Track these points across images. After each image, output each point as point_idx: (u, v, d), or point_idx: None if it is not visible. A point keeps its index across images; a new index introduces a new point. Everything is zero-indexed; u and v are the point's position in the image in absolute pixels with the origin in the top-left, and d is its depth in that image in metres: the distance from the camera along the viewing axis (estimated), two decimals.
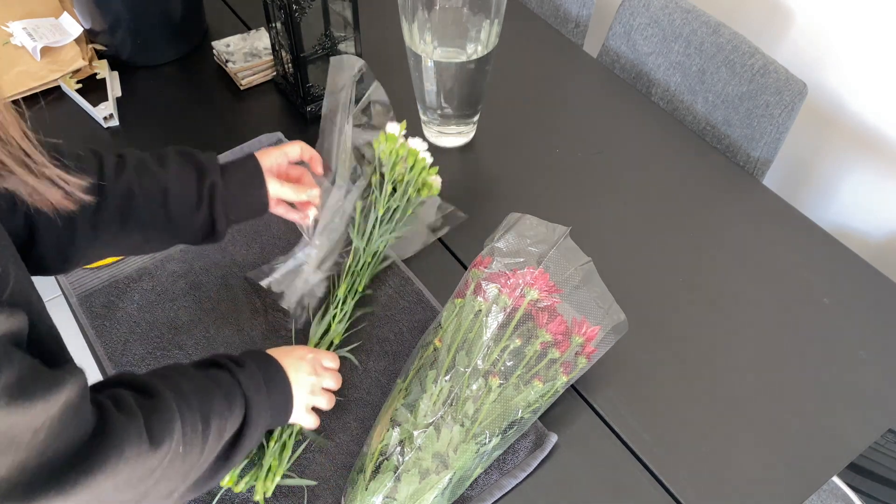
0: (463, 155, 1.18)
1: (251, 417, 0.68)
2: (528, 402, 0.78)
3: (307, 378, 0.77)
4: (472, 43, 1.03)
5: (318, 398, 0.79)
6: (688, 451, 0.85)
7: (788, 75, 1.17)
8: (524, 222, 0.87)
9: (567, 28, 1.54)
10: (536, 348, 0.79)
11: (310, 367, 0.78)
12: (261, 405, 0.70)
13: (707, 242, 1.07)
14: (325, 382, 0.80)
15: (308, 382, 0.77)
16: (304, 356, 0.78)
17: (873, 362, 0.94)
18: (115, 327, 0.93)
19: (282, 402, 0.74)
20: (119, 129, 1.19)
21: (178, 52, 1.31)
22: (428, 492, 0.74)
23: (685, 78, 1.31)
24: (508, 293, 0.80)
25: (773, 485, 0.83)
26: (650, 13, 1.34)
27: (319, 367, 0.80)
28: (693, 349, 0.94)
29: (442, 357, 0.80)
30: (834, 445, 0.86)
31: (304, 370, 0.77)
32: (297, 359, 0.77)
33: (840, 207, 1.51)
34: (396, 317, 0.95)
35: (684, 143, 1.21)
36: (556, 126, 1.23)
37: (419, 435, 0.76)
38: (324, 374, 0.80)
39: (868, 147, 1.41)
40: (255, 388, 0.70)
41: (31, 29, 1.24)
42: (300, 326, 0.92)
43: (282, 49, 1.19)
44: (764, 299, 1.00)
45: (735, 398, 0.90)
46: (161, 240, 0.80)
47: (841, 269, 1.04)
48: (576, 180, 1.15)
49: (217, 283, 0.98)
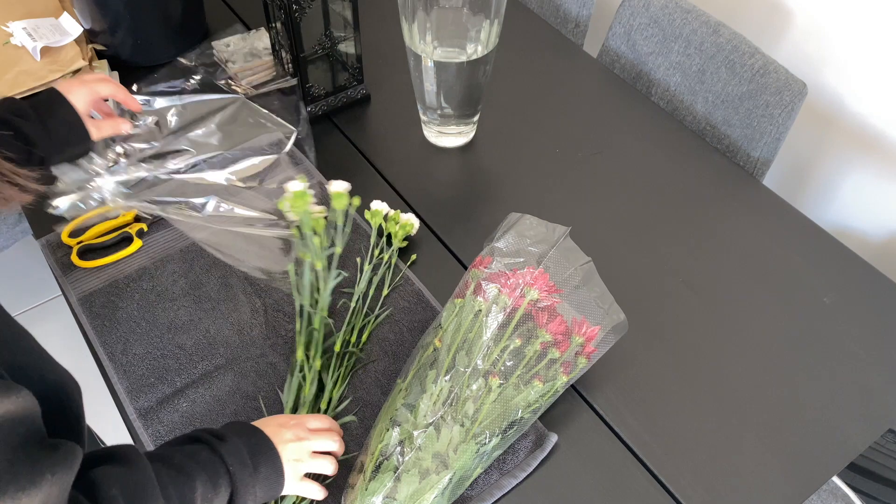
0: (463, 155, 1.18)
1: (239, 494, 0.66)
2: (528, 402, 0.78)
3: (291, 445, 0.72)
4: (472, 43, 1.03)
5: (312, 463, 0.74)
6: (688, 451, 0.85)
7: (788, 75, 1.17)
8: (524, 222, 0.87)
9: (567, 28, 1.54)
10: (536, 348, 0.79)
11: (292, 433, 0.73)
12: (247, 481, 0.67)
13: (707, 242, 1.07)
14: (316, 445, 0.74)
15: (292, 450, 0.72)
16: (285, 423, 0.74)
17: (873, 362, 0.94)
18: (115, 327, 0.93)
19: (271, 474, 0.70)
20: None
21: (178, 52, 1.31)
22: (428, 492, 0.74)
23: (685, 78, 1.31)
24: (508, 293, 0.80)
25: (773, 485, 0.83)
26: (650, 13, 1.34)
27: (303, 430, 0.74)
28: (693, 349, 0.94)
29: (442, 357, 0.80)
30: (834, 445, 0.86)
31: (286, 437, 0.72)
32: (277, 426, 0.73)
33: (840, 207, 1.51)
34: (396, 317, 0.95)
35: (684, 143, 1.21)
36: (556, 126, 1.23)
37: (419, 435, 0.76)
38: (311, 437, 0.74)
39: (868, 147, 1.41)
40: (241, 463, 0.66)
41: (31, 29, 1.24)
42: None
43: (282, 49, 1.19)
44: (764, 299, 1.00)
45: (735, 398, 0.90)
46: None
47: (841, 269, 1.04)
48: (576, 180, 1.15)
49: (217, 283, 0.98)
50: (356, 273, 0.99)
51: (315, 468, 0.74)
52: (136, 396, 0.86)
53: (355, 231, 1.04)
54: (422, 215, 1.08)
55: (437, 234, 1.06)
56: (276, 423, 0.74)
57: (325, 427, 0.77)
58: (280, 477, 0.70)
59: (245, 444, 0.68)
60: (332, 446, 0.76)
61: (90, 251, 1.00)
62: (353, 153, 1.17)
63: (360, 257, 1.01)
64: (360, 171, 1.15)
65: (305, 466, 0.73)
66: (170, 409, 0.86)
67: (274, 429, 0.72)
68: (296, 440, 0.73)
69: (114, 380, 0.88)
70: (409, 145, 1.19)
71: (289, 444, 0.72)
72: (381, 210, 1.02)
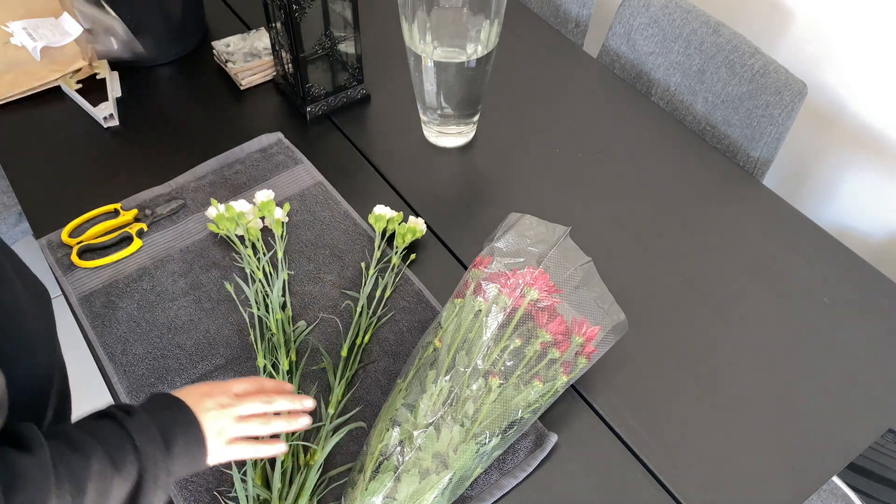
0: (463, 155, 1.18)
1: (148, 472, 0.62)
2: (528, 402, 0.78)
3: (213, 413, 0.69)
4: (472, 43, 1.03)
5: (239, 428, 0.71)
6: (688, 451, 0.85)
7: (788, 75, 1.17)
8: (524, 222, 0.87)
9: (567, 28, 1.54)
10: (536, 348, 0.79)
11: (213, 401, 0.70)
12: (157, 456, 0.63)
13: (707, 242, 1.07)
14: (241, 410, 0.71)
15: (214, 418, 0.69)
16: (208, 391, 0.71)
17: (873, 362, 0.94)
18: (115, 327, 0.93)
19: (191, 446, 0.67)
20: (119, 129, 1.19)
21: (178, 52, 1.31)
22: (428, 492, 0.74)
23: (685, 78, 1.31)
24: (508, 293, 0.80)
25: (773, 485, 0.83)
26: (650, 13, 1.34)
27: (227, 397, 0.72)
28: (693, 349, 0.94)
29: (442, 357, 0.80)
30: (834, 445, 0.86)
31: (207, 406, 0.69)
32: (199, 395, 0.70)
33: (840, 207, 1.51)
34: (396, 317, 0.95)
35: (684, 143, 1.21)
36: (556, 126, 1.23)
37: (419, 435, 0.76)
38: (236, 402, 0.72)
39: (868, 147, 1.41)
40: (149, 438, 0.63)
41: (31, 29, 1.24)
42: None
43: (282, 49, 1.19)
44: (764, 299, 1.00)
45: (735, 398, 0.90)
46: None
47: (841, 269, 1.04)
48: (576, 180, 1.15)
49: (217, 283, 0.98)
50: (359, 277, 0.99)
51: (243, 431, 0.71)
52: (136, 396, 0.86)
53: (356, 234, 1.04)
54: (422, 215, 1.08)
55: (437, 234, 1.06)
56: (199, 392, 0.71)
57: (252, 390, 0.74)
58: (202, 448, 0.68)
59: (158, 417, 0.65)
60: (258, 408, 0.73)
61: (90, 251, 1.00)
62: (352, 153, 1.17)
63: (365, 261, 1.01)
64: (360, 172, 1.15)
65: (232, 433, 0.70)
66: None
67: (195, 398, 0.70)
68: (218, 408, 0.70)
69: (114, 380, 0.88)
70: (409, 145, 1.19)
71: (210, 413, 0.69)
72: (385, 215, 1.02)
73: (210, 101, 1.25)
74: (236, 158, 1.14)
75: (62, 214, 1.04)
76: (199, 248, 1.02)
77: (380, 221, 1.02)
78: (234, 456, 0.71)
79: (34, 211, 1.06)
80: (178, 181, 1.10)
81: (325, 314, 0.95)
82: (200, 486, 0.80)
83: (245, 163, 1.13)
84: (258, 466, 0.80)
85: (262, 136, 1.16)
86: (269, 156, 1.14)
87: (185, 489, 0.80)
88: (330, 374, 0.88)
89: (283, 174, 1.11)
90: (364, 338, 0.92)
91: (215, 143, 1.16)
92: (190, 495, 0.79)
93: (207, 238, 1.03)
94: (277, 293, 0.94)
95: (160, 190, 1.08)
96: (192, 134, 1.19)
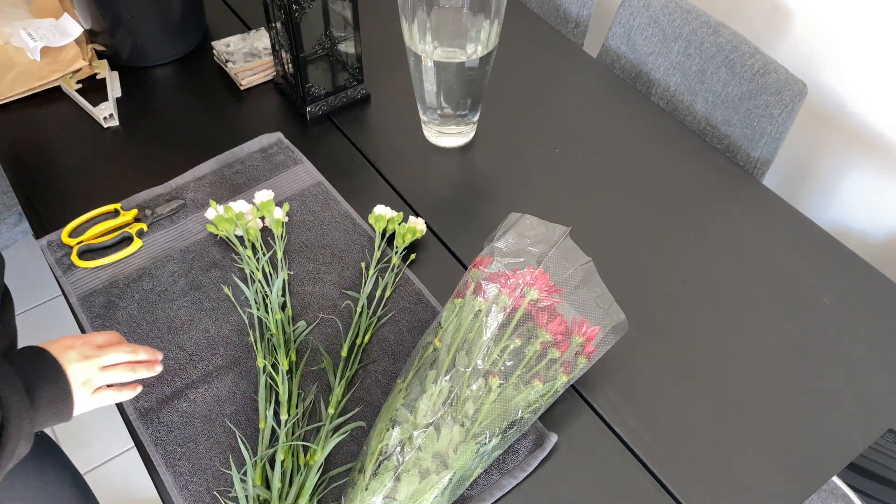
0: (463, 155, 1.18)
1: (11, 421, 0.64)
2: (528, 402, 0.78)
3: (77, 365, 0.71)
4: (472, 43, 1.03)
5: (104, 376, 0.74)
6: (688, 450, 0.85)
7: (788, 75, 1.17)
8: (524, 222, 0.87)
9: (567, 28, 1.54)
10: (536, 348, 0.79)
11: (77, 352, 0.72)
12: (20, 406, 0.65)
13: (707, 242, 1.07)
14: (105, 360, 0.74)
15: (79, 369, 0.72)
16: (71, 344, 0.73)
17: (873, 362, 0.94)
18: (115, 327, 0.93)
19: (57, 396, 0.69)
20: (119, 130, 1.19)
21: (178, 52, 1.32)
22: (428, 492, 0.74)
23: (685, 78, 1.31)
24: (508, 293, 0.80)
25: (773, 485, 0.83)
26: (650, 13, 1.34)
27: (90, 348, 0.74)
28: (693, 349, 0.94)
29: (442, 357, 0.80)
30: (834, 445, 0.86)
31: (71, 357, 0.72)
32: (63, 348, 0.72)
33: (840, 207, 1.51)
34: (396, 317, 0.95)
35: (684, 143, 1.21)
36: (556, 126, 1.23)
37: (419, 435, 0.76)
38: (100, 353, 0.74)
39: (868, 147, 1.41)
40: (11, 387, 0.65)
41: (31, 29, 1.24)
42: None
43: (282, 49, 1.19)
44: (764, 299, 1.00)
45: (735, 398, 0.90)
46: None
47: (841, 269, 1.04)
48: (576, 180, 1.15)
49: (217, 283, 0.98)
50: (359, 277, 0.99)
51: (110, 380, 0.74)
52: (136, 396, 0.86)
53: (356, 234, 1.04)
54: (422, 215, 1.08)
55: (438, 234, 1.06)
56: (63, 344, 0.73)
57: (113, 341, 0.77)
58: (67, 397, 0.70)
59: (22, 368, 0.67)
60: (121, 358, 0.76)
61: (90, 251, 1.00)
62: (352, 153, 1.18)
63: (366, 262, 1.01)
64: (360, 171, 1.15)
65: (99, 381, 0.73)
66: (170, 409, 0.86)
67: (60, 350, 0.72)
68: (83, 359, 0.72)
69: None
70: (409, 145, 1.19)
71: (74, 364, 0.71)
72: (385, 215, 1.02)
73: (210, 101, 1.25)
74: (236, 158, 1.14)
75: (62, 215, 1.04)
76: (199, 248, 1.02)
77: (380, 222, 1.02)
78: (98, 404, 0.74)
79: (34, 211, 1.06)
80: (178, 181, 1.10)
81: (325, 314, 0.95)
82: (200, 486, 0.80)
83: (245, 163, 1.13)
84: (258, 466, 0.80)
85: (261, 136, 1.16)
86: (269, 156, 1.14)
87: (185, 489, 0.80)
88: (330, 374, 0.88)
89: (283, 174, 1.11)
90: (364, 338, 0.92)
91: (215, 143, 1.16)
92: (190, 495, 0.79)
93: (207, 238, 1.03)
94: (277, 293, 0.94)
95: (160, 190, 1.08)
96: (192, 134, 1.19)
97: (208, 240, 1.03)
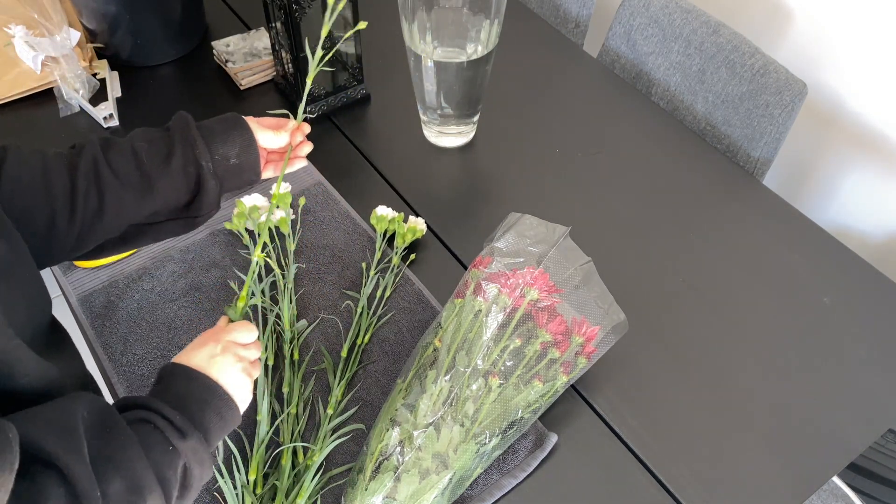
0: (463, 155, 1.18)
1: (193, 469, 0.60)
2: (528, 402, 0.78)
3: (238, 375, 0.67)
4: (472, 43, 1.03)
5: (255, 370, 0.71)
6: (688, 451, 0.85)
7: (788, 75, 1.17)
8: (524, 222, 0.87)
9: (567, 28, 1.54)
10: (536, 348, 0.79)
11: (233, 357, 0.67)
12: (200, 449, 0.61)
13: (707, 242, 1.07)
14: (253, 355, 0.71)
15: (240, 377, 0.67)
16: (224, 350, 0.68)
17: (873, 362, 0.94)
18: (115, 327, 0.93)
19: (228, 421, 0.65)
20: (119, 129, 1.19)
21: (178, 52, 1.31)
22: (428, 492, 0.74)
23: (685, 78, 1.31)
24: (508, 293, 0.80)
25: (773, 485, 0.83)
26: (650, 13, 1.34)
27: (238, 347, 0.69)
28: (693, 349, 0.94)
29: (442, 357, 0.80)
30: (834, 445, 0.86)
31: (229, 364, 0.67)
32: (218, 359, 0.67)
33: (840, 207, 1.51)
34: (396, 317, 0.95)
35: (684, 143, 1.21)
36: (556, 126, 1.23)
37: (419, 435, 0.76)
38: (245, 351, 0.70)
39: (868, 147, 1.41)
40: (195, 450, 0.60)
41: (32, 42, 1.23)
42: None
43: (282, 49, 1.19)
44: (764, 299, 1.00)
45: (735, 398, 0.90)
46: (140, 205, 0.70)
47: (841, 269, 1.04)
48: (576, 180, 1.15)
49: (217, 283, 0.98)
50: (359, 277, 0.99)
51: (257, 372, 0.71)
52: None
53: (356, 234, 1.04)
54: (422, 215, 1.08)
55: (437, 234, 1.06)
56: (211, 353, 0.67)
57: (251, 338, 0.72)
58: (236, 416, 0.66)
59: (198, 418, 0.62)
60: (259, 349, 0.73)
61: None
62: (352, 153, 1.17)
63: (366, 262, 1.01)
64: (360, 171, 1.15)
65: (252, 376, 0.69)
66: None
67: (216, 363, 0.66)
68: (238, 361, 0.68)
69: (113, 380, 0.88)
70: (409, 145, 1.19)
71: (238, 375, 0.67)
72: (387, 215, 1.02)
73: (210, 101, 1.25)
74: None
75: None
76: (199, 248, 1.02)
77: (381, 222, 1.02)
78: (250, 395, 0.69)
79: None
80: None
81: (326, 314, 0.95)
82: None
83: None
84: (257, 467, 0.80)
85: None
86: None
87: None
88: (330, 375, 0.88)
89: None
90: (364, 338, 0.92)
91: None
92: None
93: (207, 238, 1.03)
94: (290, 281, 0.94)
95: None
96: None
97: (208, 240, 1.03)
